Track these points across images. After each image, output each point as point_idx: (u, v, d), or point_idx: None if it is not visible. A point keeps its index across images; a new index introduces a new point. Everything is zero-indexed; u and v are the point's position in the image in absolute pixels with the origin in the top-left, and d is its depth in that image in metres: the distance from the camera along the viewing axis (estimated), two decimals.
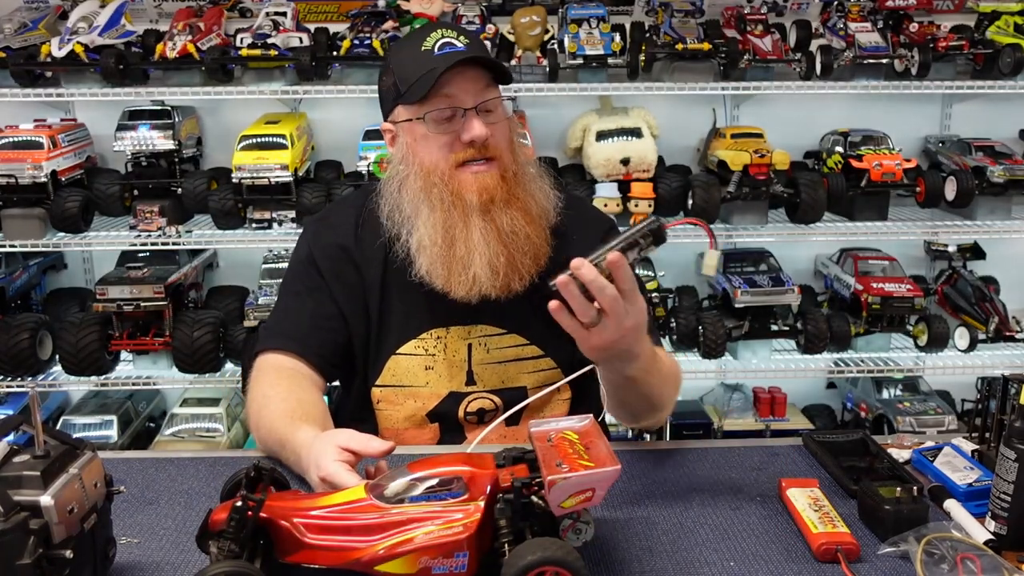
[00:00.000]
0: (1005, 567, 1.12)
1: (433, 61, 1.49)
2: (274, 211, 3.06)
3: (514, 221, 1.54)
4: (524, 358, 1.67)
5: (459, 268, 1.54)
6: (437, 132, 1.53)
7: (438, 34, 1.52)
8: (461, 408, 1.67)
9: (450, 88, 1.50)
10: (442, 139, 1.53)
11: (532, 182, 1.61)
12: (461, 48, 1.51)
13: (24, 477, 0.97)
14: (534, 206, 1.58)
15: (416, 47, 1.52)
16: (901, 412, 3.18)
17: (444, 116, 1.52)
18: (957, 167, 3.22)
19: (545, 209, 1.61)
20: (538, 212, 1.59)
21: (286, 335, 1.63)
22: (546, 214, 1.61)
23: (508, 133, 1.58)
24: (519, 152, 1.62)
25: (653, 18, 3.31)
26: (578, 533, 1.10)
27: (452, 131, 1.52)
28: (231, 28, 3.21)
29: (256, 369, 1.61)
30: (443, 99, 1.51)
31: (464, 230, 1.53)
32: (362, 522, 1.07)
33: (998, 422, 1.37)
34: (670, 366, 1.57)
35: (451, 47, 1.51)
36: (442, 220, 1.54)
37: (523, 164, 1.61)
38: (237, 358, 3.07)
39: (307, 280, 1.67)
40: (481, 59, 1.52)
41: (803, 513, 1.24)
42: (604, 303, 1.23)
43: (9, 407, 3.25)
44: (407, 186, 1.58)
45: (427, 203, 1.55)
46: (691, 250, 3.50)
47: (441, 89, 1.50)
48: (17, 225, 3.01)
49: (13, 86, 3.07)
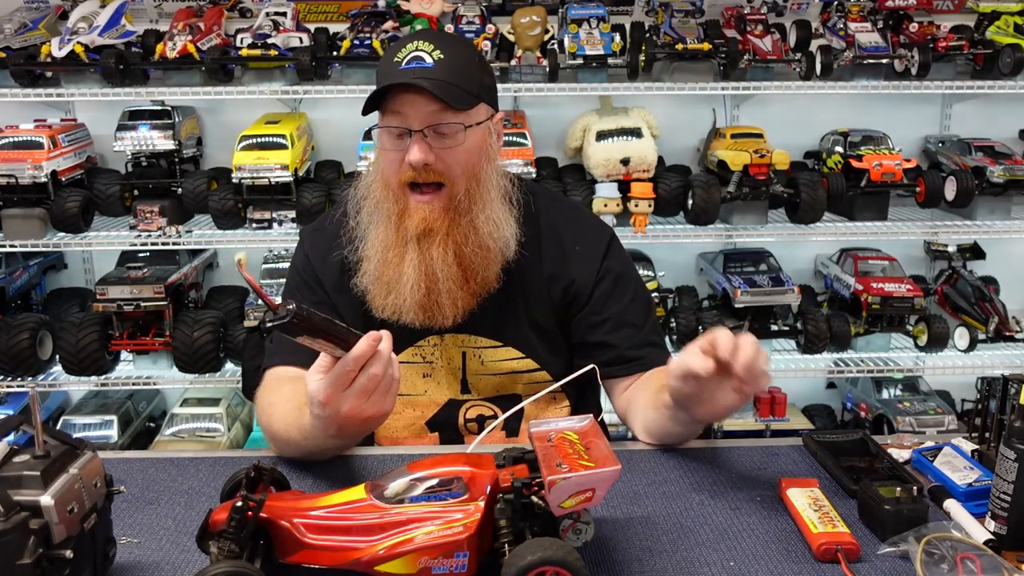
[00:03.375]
0: (1005, 567, 1.12)
1: (393, 75, 1.46)
2: (274, 211, 3.06)
3: (445, 259, 1.51)
4: (519, 371, 1.66)
5: (383, 292, 1.55)
6: (390, 147, 1.51)
7: (413, 46, 1.48)
8: (460, 416, 1.67)
9: (402, 106, 1.47)
10: (393, 155, 1.51)
11: (486, 213, 1.54)
12: (428, 64, 1.45)
13: (24, 477, 0.97)
14: (473, 243, 1.52)
15: (392, 55, 1.50)
16: (901, 412, 3.18)
17: (395, 133, 1.49)
18: (957, 167, 3.22)
19: (493, 242, 1.54)
20: (476, 250, 1.53)
21: (289, 350, 1.59)
22: (493, 248, 1.55)
23: (468, 157, 1.51)
24: (486, 178, 1.55)
25: (653, 18, 3.31)
26: (578, 533, 1.10)
27: (402, 149, 1.49)
28: (231, 28, 3.21)
29: (262, 386, 1.60)
30: (394, 116, 1.48)
31: (398, 255, 1.52)
32: (362, 522, 1.07)
33: (998, 422, 1.37)
34: None
35: (419, 62, 1.46)
36: (383, 237, 1.54)
37: (485, 191, 1.54)
38: (237, 358, 3.07)
39: (307, 292, 1.66)
40: (424, 86, 1.43)
41: (803, 513, 1.24)
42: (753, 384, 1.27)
43: (9, 407, 3.25)
44: (371, 192, 1.58)
45: (378, 215, 1.56)
46: (691, 250, 3.51)
47: (394, 105, 1.47)
48: (17, 225, 3.01)
49: (13, 86, 3.07)
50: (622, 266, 1.70)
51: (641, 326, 1.66)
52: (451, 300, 1.53)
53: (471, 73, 1.51)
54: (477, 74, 1.52)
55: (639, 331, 1.65)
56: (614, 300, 1.65)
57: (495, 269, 1.57)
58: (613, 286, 1.66)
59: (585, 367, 1.53)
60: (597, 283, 1.65)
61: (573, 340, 1.68)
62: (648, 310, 1.70)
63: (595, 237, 1.70)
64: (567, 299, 1.66)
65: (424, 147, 1.47)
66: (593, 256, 1.67)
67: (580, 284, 1.65)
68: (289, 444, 1.46)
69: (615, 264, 1.68)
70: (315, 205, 2.99)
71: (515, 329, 1.64)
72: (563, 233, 1.67)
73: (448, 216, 1.51)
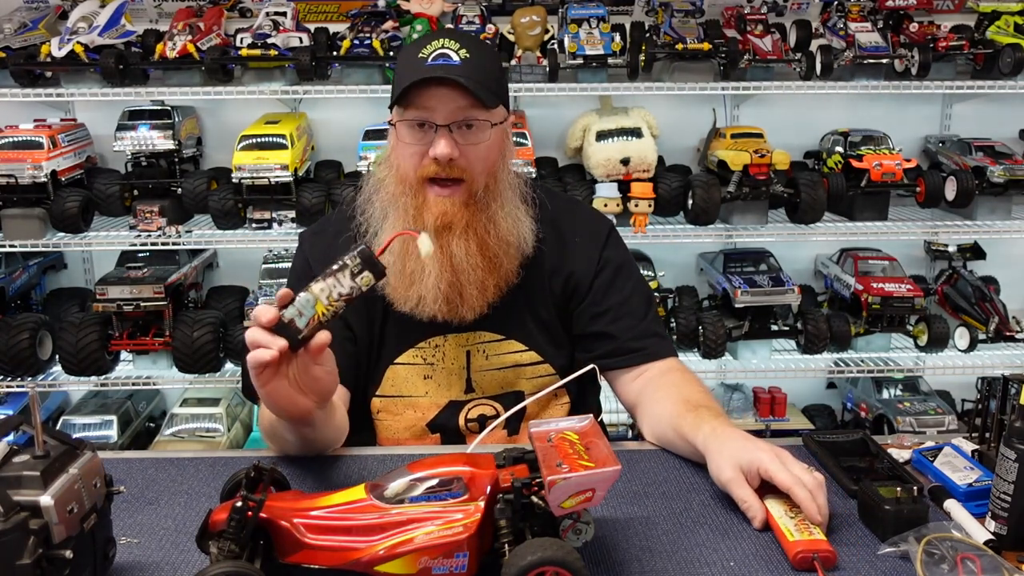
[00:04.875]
0: (1005, 567, 1.12)
1: (420, 71, 1.47)
2: (274, 211, 3.06)
3: (468, 250, 1.51)
4: (523, 364, 1.66)
5: (405, 284, 1.55)
6: (411, 142, 1.51)
7: (438, 43, 1.49)
8: (461, 417, 1.67)
9: (429, 100, 1.47)
10: (414, 149, 1.51)
11: (506, 209, 1.56)
12: (455, 62, 1.47)
13: (24, 477, 0.97)
14: (494, 236, 1.54)
15: (416, 51, 1.51)
16: (901, 412, 3.18)
17: (418, 127, 1.50)
18: (957, 167, 3.22)
19: (513, 237, 1.56)
20: (498, 242, 1.54)
21: None
22: (514, 243, 1.56)
23: (488, 155, 1.53)
24: (503, 177, 1.57)
25: (653, 18, 3.31)
26: (578, 533, 1.10)
27: (424, 143, 1.50)
28: (231, 28, 3.21)
29: None
30: (420, 111, 1.49)
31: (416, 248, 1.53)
32: (362, 522, 1.07)
33: (998, 422, 1.37)
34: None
35: (445, 59, 1.47)
36: (401, 229, 1.53)
37: (502, 189, 1.56)
38: (237, 358, 3.07)
39: None
40: (454, 81, 1.45)
41: (779, 521, 1.23)
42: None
43: (9, 407, 3.25)
44: (384, 187, 1.58)
45: (394, 209, 1.55)
46: (691, 250, 3.51)
47: (420, 100, 1.48)
48: (17, 225, 3.01)
49: (13, 86, 3.07)
50: (622, 257, 1.70)
51: (642, 317, 1.66)
52: (478, 291, 1.54)
53: (494, 73, 1.53)
54: (498, 76, 1.55)
55: (640, 322, 1.65)
56: (614, 291, 1.66)
57: (515, 264, 1.58)
58: (613, 277, 1.67)
59: (586, 364, 1.54)
60: (597, 274, 1.66)
61: (574, 332, 1.68)
62: (649, 301, 1.70)
63: (594, 229, 1.71)
64: (568, 291, 1.66)
65: (451, 142, 1.48)
66: (592, 248, 1.68)
67: (580, 276, 1.66)
68: (275, 437, 1.48)
69: (614, 255, 1.69)
70: (315, 205, 2.99)
71: (519, 323, 1.64)
72: (563, 227, 1.68)
73: (468, 210, 1.52)
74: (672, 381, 1.59)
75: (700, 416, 1.44)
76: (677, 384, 1.58)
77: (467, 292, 1.53)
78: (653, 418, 1.56)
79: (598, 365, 1.57)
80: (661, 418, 1.53)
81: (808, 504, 1.22)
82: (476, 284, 1.53)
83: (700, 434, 1.40)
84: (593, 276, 1.66)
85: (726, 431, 1.38)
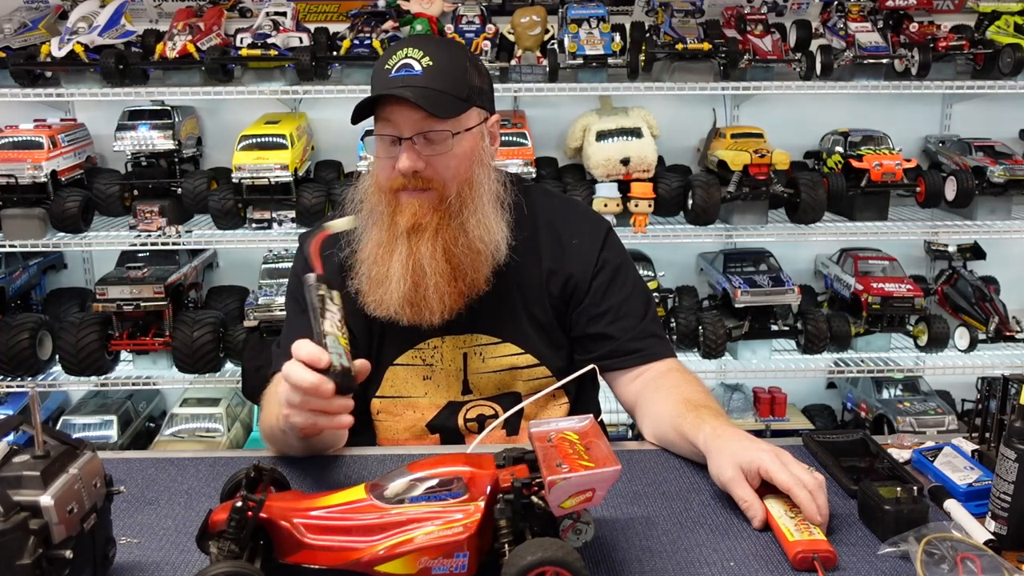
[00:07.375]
0: (1005, 567, 1.12)
1: (383, 84, 1.47)
2: (274, 211, 3.06)
3: (434, 254, 1.51)
4: (519, 367, 1.66)
5: (373, 286, 1.55)
6: (381, 154, 1.52)
7: (403, 53, 1.48)
8: (460, 417, 1.67)
9: (391, 114, 1.47)
10: (384, 161, 1.52)
11: (477, 217, 1.54)
12: (416, 72, 1.46)
13: (24, 477, 0.97)
14: (463, 244, 1.52)
15: (383, 62, 1.50)
16: (901, 412, 3.18)
17: (387, 140, 1.50)
18: (957, 167, 3.22)
19: (483, 245, 1.54)
20: (466, 251, 1.52)
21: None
22: (483, 251, 1.54)
23: (458, 163, 1.51)
24: (480, 181, 1.55)
25: (653, 18, 3.31)
26: (578, 533, 1.10)
27: (393, 156, 1.50)
28: (231, 28, 3.21)
29: (266, 391, 1.61)
30: (385, 124, 1.49)
31: (388, 251, 1.53)
32: (362, 522, 1.07)
33: (998, 422, 1.37)
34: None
35: (408, 69, 1.46)
36: (376, 238, 1.55)
37: (477, 196, 1.54)
38: (237, 358, 3.07)
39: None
40: (407, 96, 1.43)
41: (779, 521, 1.23)
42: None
43: (9, 407, 3.25)
44: (367, 197, 1.58)
45: (372, 219, 1.56)
46: (691, 250, 3.51)
47: (384, 113, 1.48)
48: (17, 225, 3.01)
49: (13, 86, 3.07)
50: (620, 258, 1.70)
51: (641, 317, 1.66)
52: (438, 296, 1.53)
53: (462, 78, 1.50)
54: (468, 79, 1.52)
55: (639, 322, 1.65)
56: (612, 292, 1.66)
57: (485, 272, 1.57)
58: (611, 278, 1.66)
59: (585, 365, 1.54)
60: (595, 275, 1.66)
61: (573, 333, 1.68)
62: (648, 302, 1.70)
63: (592, 230, 1.70)
64: (566, 293, 1.66)
65: (413, 155, 1.47)
66: (590, 249, 1.67)
67: (578, 277, 1.65)
68: (277, 441, 1.49)
69: (612, 256, 1.68)
70: (315, 205, 2.99)
71: (514, 326, 1.64)
72: (560, 228, 1.68)
73: (438, 214, 1.52)
74: (672, 381, 1.59)
75: (701, 416, 1.44)
76: (677, 384, 1.58)
77: (429, 295, 1.53)
78: (653, 418, 1.56)
79: (597, 366, 1.57)
80: (662, 418, 1.53)
81: (808, 505, 1.21)
82: (435, 288, 1.52)
83: (701, 434, 1.40)
84: (591, 277, 1.66)
85: (727, 431, 1.38)
